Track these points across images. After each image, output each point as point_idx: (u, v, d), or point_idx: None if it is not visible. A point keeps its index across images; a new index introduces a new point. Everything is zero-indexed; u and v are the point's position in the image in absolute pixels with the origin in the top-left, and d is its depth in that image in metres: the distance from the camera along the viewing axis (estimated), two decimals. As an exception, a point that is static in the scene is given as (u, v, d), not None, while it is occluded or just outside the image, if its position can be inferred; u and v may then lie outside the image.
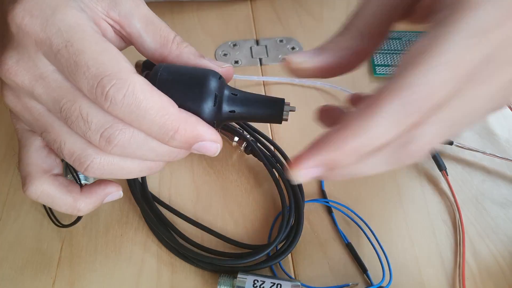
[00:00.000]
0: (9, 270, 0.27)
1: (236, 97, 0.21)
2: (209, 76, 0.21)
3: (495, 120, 0.34)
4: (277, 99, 0.21)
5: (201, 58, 0.23)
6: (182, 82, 0.20)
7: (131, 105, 0.18)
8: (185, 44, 0.23)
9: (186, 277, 0.27)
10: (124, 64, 0.19)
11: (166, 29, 0.23)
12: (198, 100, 0.20)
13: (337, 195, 0.30)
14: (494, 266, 0.27)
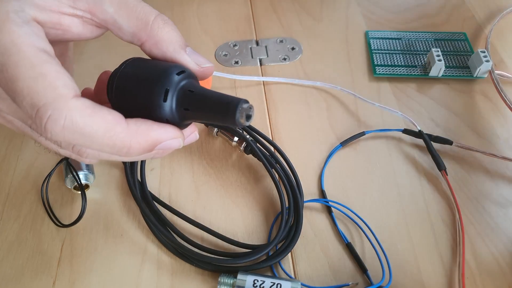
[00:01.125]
0: (10, 269, 0.27)
1: (192, 94, 0.19)
2: (166, 71, 0.20)
3: (495, 120, 0.34)
4: (233, 100, 0.19)
5: (180, 52, 0.21)
6: (137, 84, 0.20)
7: (74, 134, 0.18)
8: (167, 29, 0.21)
9: (186, 277, 0.27)
10: (60, 90, 0.17)
11: (143, 10, 0.20)
12: (148, 97, 0.19)
13: (336, 195, 0.30)
14: (494, 266, 0.27)
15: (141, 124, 0.19)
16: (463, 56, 0.38)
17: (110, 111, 0.18)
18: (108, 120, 0.18)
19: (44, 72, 0.17)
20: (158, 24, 0.20)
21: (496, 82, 0.34)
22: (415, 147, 0.33)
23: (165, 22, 0.21)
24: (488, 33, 0.40)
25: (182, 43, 0.21)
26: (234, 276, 0.25)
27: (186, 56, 0.21)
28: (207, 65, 0.21)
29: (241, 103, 0.18)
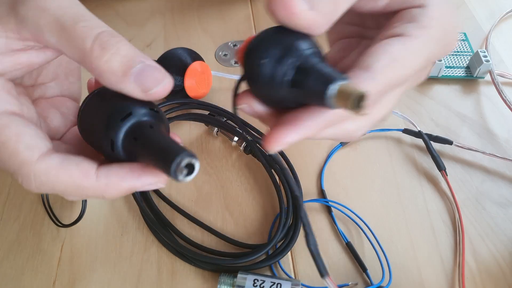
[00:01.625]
0: (10, 269, 0.27)
1: (135, 142, 0.19)
2: (110, 118, 0.19)
3: (495, 120, 0.34)
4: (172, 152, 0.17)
5: (122, 82, 0.18)
6: (90, 131, 0.20)
7: (48, 189, 0.19)
8: (105, 57, 0.18)
9: (186, 276, 0.27)
10: (23, 156, 0.18)
11: (80, 36, 0.18)
12: (100, 145, 0.20)
13: (336, 195, 0.30)
14: (494, 266, 0.27)
15: (112, 176, 0.19)
16: (463, 56, 0.38)
17: (79, 164, 0.19)
18: (76, 177, 0.18)
19: (5, 140, 0.18)
20: (96, 53, 0.18)
21: (496, 82, 0.34)
22: (415, 147, 0.33)
23: (103, 48, 0.18)
24: (488, 33, 0.40)
25: (125, 69, 0.18)
26: (234, 276, 0.25)
27: (131, 85, 0.18)
28: (155, 89, 0.19)
29: (180, 158, 0.17)
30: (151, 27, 0.42)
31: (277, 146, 0.18)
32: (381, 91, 0.19)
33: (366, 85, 0.19)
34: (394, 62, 0.19)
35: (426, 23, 0.20)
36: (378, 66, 0.19)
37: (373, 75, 0.19)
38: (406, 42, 0.20)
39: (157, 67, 0.19)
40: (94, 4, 0.43)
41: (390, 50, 0.19)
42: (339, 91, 0.16)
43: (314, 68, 0.17)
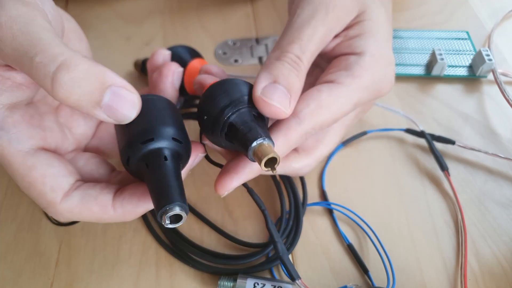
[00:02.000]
0: (7, 271, 0.27)
1: (147, 168, 0.20)
2: (133, 136, 0.21)
3: (497, 120, 0.34)
4: (163, 199, 0.18)
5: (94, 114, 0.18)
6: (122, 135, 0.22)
7: (74, 218, 0.21)
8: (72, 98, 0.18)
9: (185, 278, 0.26)
10: (48, 197, 0.20)
11: (40, 74, 0.17)
12: (120, 155, 0.22)
13: (338, 195, 0.30)
14: (497, 267, 0.27)
15: (126, 206, 0.21)
16: (465, 55, 0.38)
17: (97, 199, 0.21)
18: (96, 212, 0.21)
19: (32, 182, 0.20)
20: (59, 95, 0.17)
21: (499, 81, 0.34)
22: (417, 147, 0.33)
23: (65, 89, 0.17)
24: (491, 32, 0.40)
25: (94, 105, 0.18)
26: (234, 279, 0.25)
27: (103, 116, 0.18)
28: (128, 117, 0.19)
29: (167, 208, 0.18)
30: (150, 25, 0.42)
31: (224, 192, 0.22)
32: (308, 132, 0.22)
33: (293, 130, 0.22)
34: (321, 109, 0.22)
35: (358, 73, 0.23)
36: (306, 112, 0.22)
37: (299, 120, 0.22)
38: (334, 89, 0.22)
39: (125, 87, 0.18)
40: (92, 2, 0.43)
41: (318, 97, 0.22)
42: (254, 152, 0.19)
43: (241, 127, 0.20)
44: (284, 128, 0.22)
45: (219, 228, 0.28)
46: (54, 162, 0.21)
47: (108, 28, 0.41)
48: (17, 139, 0.20)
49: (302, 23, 0.23)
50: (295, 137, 0.22)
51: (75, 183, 0.21)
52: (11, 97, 0.20)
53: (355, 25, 0.24)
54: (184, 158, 0.21)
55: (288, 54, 0.22)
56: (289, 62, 0.22)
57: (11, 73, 0.20)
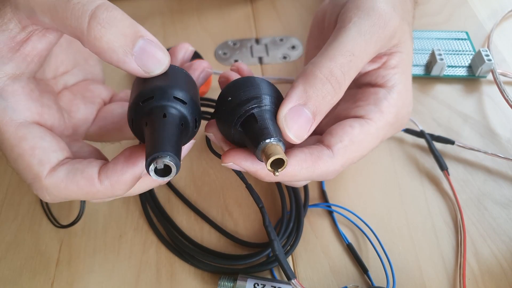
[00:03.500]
0: (8, 271, 0.27)
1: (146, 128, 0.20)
2: (135, 98, 0.20)
3: (497, 120, 0.34)
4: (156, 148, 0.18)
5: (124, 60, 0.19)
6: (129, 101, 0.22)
7: (62, 199, 0.20)
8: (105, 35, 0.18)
9: (186, 278, 0.26)
10: (35, 170, 0.19)
11: (76, 14, 0.18)
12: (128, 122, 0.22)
13: (337, 196, 0.30)
14: (496, 267, 0.27)
15: (112, 175, 0.20)
16: (465, 55, 0.38)
17: (83, 172, 0.20)
18: (83, 186, 0.20)
19: (21, 153, 0.19)
20: (94, 33, 0.18)
21: (498, 81, 0.34)
22: (416, 147, 0.33)
23: (102, 27, 0.18)
24: (490, 32, 0.40)
25: (126, 49, 0.18)
26: (234, 279, 0.25)
27: (132, 65, 0.19)
28: (156, 71, 0.19)
29: (155, 156, 0.17)
30: (150, 26, 0.42)
31: (228, 162, 0.21)
32: (338, 169, 0.22)
33: (323, 162, 0.21)
34: (353, 145, 0.22)
35: (386, 109, 0.23)
36: (339, 146, 0.22)
37: (333, 154, 0.22)
38: (365, 126, 0.23)
39: (156, 43, 0.19)
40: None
41: (351, 133, 0.22)
42: (264, 149, 0.19)
43: (260, 122, 0.20)
44: (315, 155, 0.21)
45: (219, 227, 0.28)
46: (46, 136, 0.20)
47: (108, 29, 0.41)
48: (13, 109, 0.19)
49: (357, 34, 0.22)
50: (322, 169, 0.21)
51: (64, 159, 0.20)
52: (15, 68, 0.20)
53: (395, 54, 0.24)
54: (188, 122, 0.20)
55: (335, 70, 0.21)
56: (333, 82, 0.21)
57: (22, 43, 0.20)
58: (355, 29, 0.22)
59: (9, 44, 0.19)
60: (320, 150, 0.22)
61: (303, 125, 0.20)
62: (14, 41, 0.19)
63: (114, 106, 0.26)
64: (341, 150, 0.22)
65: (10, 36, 0.19)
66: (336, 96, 0.21)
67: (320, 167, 0.21)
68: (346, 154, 0.22)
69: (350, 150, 0.22)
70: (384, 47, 0.23)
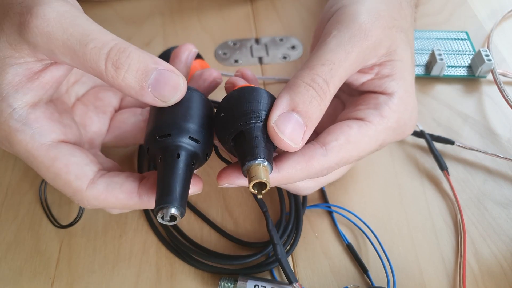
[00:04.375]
0: (8, 270, 0.27)
1: (159, 162, 0.21)
2: (152, 129, 0.21)
3: (497, 120, 0.34)
4: (164, 197, 0.19)
5: (141, 95, 0.20)
6: (148, 124, 0.23)
7: (101, 207, 0.22)
8: (121, 75, 0.19)
9: (186, 278, 0.26)
10: (74, 185, 0.21)
11: (92, 58, 0.19)
12: None
13: (337, 196, 0.30)
14: (496, 267, 0.27)
15: (153, 193, 0.21)
16: (465, 55, 0.38)
17: (122, 186, 0.21)
18: (121, 199, 0.21)
19: (57, 172, 0.21)
20: (111, 74, 0.19)
21: (498, 81, 0.34)
22: (416, 147, 0.33)
23: (117, 68, 0.19)
24: (490, 32, 0.40)
25: (141, 84, 0.20)
26: (235, 280, 0.25)
27: (150, 97, 0.20)
28: (173, 98, 0.20)
29: (162, 207, 0.19)
30: (150, 26, 0.42)
31: (223, 183, 0.21)
32: (332, 167, 0.22)
33: (317, 160, 0.21)
34: (349, 144, 0.22)
35: (387, 113, 0.23)
36: (334, 145, 0.22)
37: (326, 152, 0.21)
38: (363, 127, 0.22)
39: (170, 70, 0.20)
40: (92, 3, 0.43)
41: (348, 132, 0.22)
42: (248, 170, 0.19)
43: (249, 138, 0.20)
44: (308, 155, 0.21)
45: (219, 228, 0.28)
46: (76, 152, 0.21)
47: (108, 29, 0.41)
48: (40, 133, 0.21)
49: (336, 45, 0.22)
50: (317, 168, 0.21)
51: (99, 171, 0.22)
52: (35, 96, 0.21)
53: (386, 63, 0.24)
54: (200, 158, 0.21)
55: (316, 77, 0.21)
56: (316, 88, 0.21)
57: (40, 73, 0.21)
58: (334, 41, 0.22)
59: (28, 75, 0.20)
60: (313, 149, 0.21)
61: (295, 128, 0.20)
62: (33, 71, 0.21)
63: (126, 115, 0.27)
64: (335, 148, 0.22)
65: (28, 68, 0.20)
66: (322, 102, 0.21)
67: (314, 166, 0.21)
68: (340, 152, 0.22)
69: (345, 149, 0.22)
70: (369, 57, 0.23)
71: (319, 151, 0.21)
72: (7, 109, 0.20)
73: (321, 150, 0.21)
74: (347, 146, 0.22)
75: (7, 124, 0.20)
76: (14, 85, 0.20)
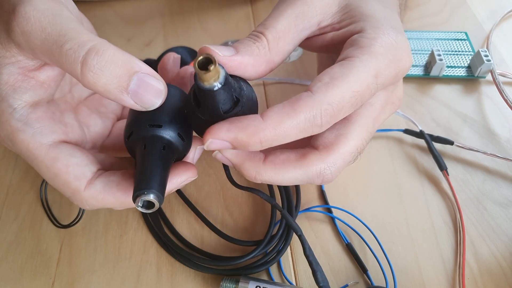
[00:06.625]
0: (8, 270, 0.27)
1: (143, 150, 0.21)
2: (144, 114, 0.21)
3: (496, 120, 0.34)
4: (143, 183, 0.19)
5: (120, 98, 0.19)
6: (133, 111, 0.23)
7: (100, 207, 0.22)
8: (100, 82, 0.18)
9: (186, 278, 0.26)
10: (73, 186, 0.21)
11: (69, 60, 0.18)
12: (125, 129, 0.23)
13: (337, 196, 0.30)
14: (495, 266, 0.27)
15: None
16: (464, 56, 0.38)
17: (119, 185, 0.21)
18: (119, 197, 0.21)
19: (57, 172, 0.21)
20: (87, 78, 0.18)
21: (497, 82, 0.34)
22: (416, 147, 0.33)
23: (94, 73, 0.18)
24: (490, 32, 0.40)
25: (121, 89, 0.19)
26: (236, 281, 0.25)
27: (130, 102, 0.19)
28: (153, 105, 0.20)
29: (139, 193, 0.19)
30: (151, 26, 0.42)
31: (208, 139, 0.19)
32: (326, 108, 0.19)
33: (304, 103, 0.19)
34: (336, 80, 0.20)
35: (365, 43, 0.21)
36: (319, 85, 0.20)
37: (311, 93, 0.19)
38: (345, 63, 0.21)
39: (151, 74, 0.19)
40: (92, 3, 0.43)
41: (331, 71, 0.20)
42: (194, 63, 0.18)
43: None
44: (293, 101, 0.19)
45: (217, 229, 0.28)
46: (76, 152, 0.21)
47: (109, 29, 0.41)
48: (41, 133, 0.21)
49: (272, 11, 0.22)
50: (307, 112, 0.19)
51: (97, 171, 0.22)
52: (34, 95, 0.21)
53: (344, 15, 0.23)
54: (180, 155, 0.22)
55: (251, 33, 0.21)
56: (249, 37, 0.21)
57: (35, 72, 0.21)
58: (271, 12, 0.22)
59: (22, 73, 0.20)
60: (298, 96, 0.19)
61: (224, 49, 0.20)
62: (26, 70, 0.20)
63: None
64: (321, 87, 0.19)
65: (21, 67, 0.20)
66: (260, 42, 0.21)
67: (301, 109, 0.19)
68: (328, 90, 0.19)
69: (332, 86, 0.19)
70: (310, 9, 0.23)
71: (305, 94, 0.19)
72: (7, 109, 0.20)
73: (306, 93, 0.19)
74: (334, 83, 0.19)
75: (9, 124, 0.20)
76: (10, 85, 0.20)
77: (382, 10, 0.23)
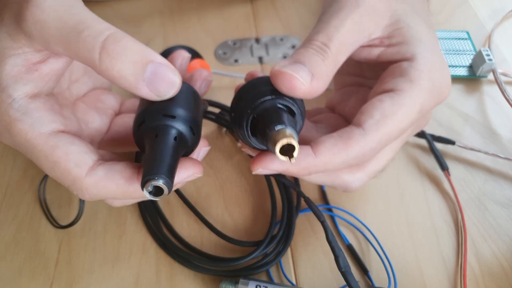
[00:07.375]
0: (7, 271, 0.27)
1: (155, 139, 0.21)
2: (157, 104, 0.21)
3: (498, 120, 0.34)
4: (154, 169, 0.19)
5: (136, 87, 0.19)
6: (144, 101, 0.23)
7: (100, 197, 0.21)
8: (116, 66, 0.19)
9: (185, 279, 0.26)
10: (73, 173, 0.20)
11: (85, 46, 0.19)
12: (135, 119, 0.23)
13: (338, 196, 0.30)
14: (497, 267, 0.27)
15: None
16: (465, 55, 0.38)
17: (122, 172, 0.21)
18: (121, 185, 0.20)
19: (56, 160, 0.20)
20: (105, 64, 0.19)
21: (499, 81, 0.34)
22: (417, 147, 0.33)
23: (111, 58, 0.19)
24: (491, 32, 0.40)
25: (137, 76, 0.19)
26: (236, 281, 0.25)
27: (144, 90, 0.19)
28: (168, 95, 0.20)
29: (149, 178, 0.18)
30: (150, 26, 0.42)
31: (257, 169, 0.21)
32: (374, 147, 0.21)
33: (356, 141, 0.20)
34: (386, 118, 0.21)
35: (415, 76, 0.22)
36: (370, 123, 0.21)
37: (364, 132, 0.20)
38: (396, 97, 0.21)
39: (166, 65, 0.20)
40: (92, 3, 0.43)
41: (381, 107, 0.21)
42: (272, 138, 0.18)
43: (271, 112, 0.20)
44: (345, 136, 0.20)
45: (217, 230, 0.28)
46: (76, 141, 0.21)
47: (108, 28, 0.41)
48: (39, 123, 0.20)
49: (329, 16, 0.22)
50: (356, 149, 0.20)
51: (98, 160, 0.21)
52: (35, 88, 0.21)
53: (394, 32, 0.23)
54: (188, 149, 0.22)
55: (313, 41, 0.21)
56: (314, 48, 0.21)
57: (39, 65, 0.21)
58: (326, 15, 0.23)
59: (26, 65, 0.20)
60: (350, 131, 0.21)
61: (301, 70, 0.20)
62: (31, 62, 0.20)
63: (126, 118, 0.27)
64: (373, 126, 0.20)
65: (26, 59, 0.20)
66: (325, 58, 0.21)
67: (353, 147, 0.20)
68: (379, 129, 0.20)
69: (383, 125, 0.20)
70: (369, 25, 0.23)
71: (357, 131, 0.20)
72: (7, 99, 0.20)
73: (358, 130, 0.20)
74: (385, 121, 0.20)
75: (7, 114, 0.20)
76: (13, 76, 0.20)
77: (428, 32, 0.24)
